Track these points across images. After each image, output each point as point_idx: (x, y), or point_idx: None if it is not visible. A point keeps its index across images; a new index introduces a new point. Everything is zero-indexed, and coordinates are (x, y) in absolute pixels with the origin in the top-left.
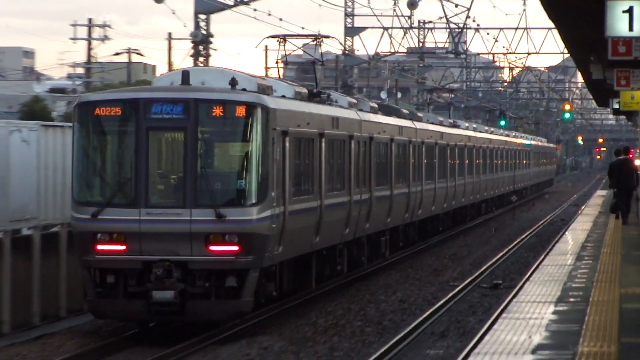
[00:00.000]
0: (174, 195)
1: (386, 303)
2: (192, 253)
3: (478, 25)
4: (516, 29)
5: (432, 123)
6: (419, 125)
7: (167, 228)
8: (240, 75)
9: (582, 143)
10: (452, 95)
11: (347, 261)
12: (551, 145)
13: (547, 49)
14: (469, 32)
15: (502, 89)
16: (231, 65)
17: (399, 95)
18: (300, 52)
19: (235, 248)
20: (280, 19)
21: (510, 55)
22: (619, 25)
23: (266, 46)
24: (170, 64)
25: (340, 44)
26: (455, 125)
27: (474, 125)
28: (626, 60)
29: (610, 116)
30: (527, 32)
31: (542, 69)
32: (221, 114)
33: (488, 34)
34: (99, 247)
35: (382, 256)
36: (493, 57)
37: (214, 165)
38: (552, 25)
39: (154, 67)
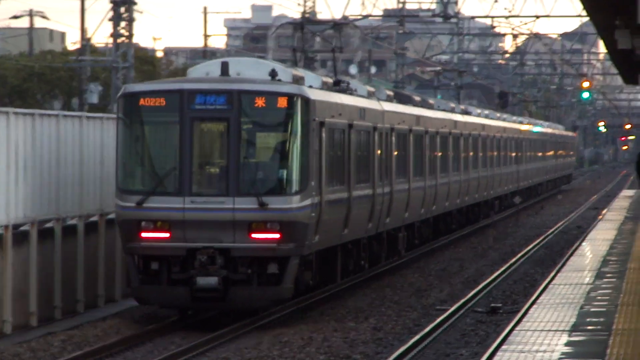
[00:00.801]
0: (218, 184)
1: (356, 331)
2: (234, 240)
3: None
4: None
5: (444, 110)
6: (433, 114)
7: (210, 216)
8: (276, 65)
9: (604, 130)
10: (440, 69)
11: (367, 257)
12: (570, 133)
13: (561, 10)
14: None
15: (503, 61)
16: (162, 31)
17: (373, 69)
18: (248, 16)
19: (277, 236)
20: None
21: (513, 19)
22: None
23: (205, 8)
24: (83, 31)
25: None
26: (467, 112)
27: (487, 112)
28: None
29: None
30: None
31: (554, 36)
32: (264, 104)
33: None
34: (144, 234)
35: (397, 254)
36: (492, 21)
37: (256, 155)
38: None
39: (62, 33)
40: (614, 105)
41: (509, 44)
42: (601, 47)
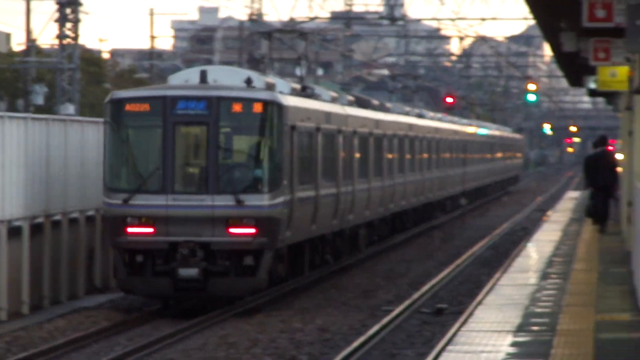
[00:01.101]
0: (198, 183)
1: (303, 332)
2: (213, 235)
3: None
4: None
5: (400, 114)
6: (391, 117)
7: (191, 213)
8: (251, 73)
9: (549, 132)
10: (392, 74)
11: (332, 252)
12: (517, 136)
13: (507, 13)
14: None
15: (449, 64)
16: (108, 33)
17: (320, 72)
18: (195, 17)
19: (253, 230)
20: None
21: (459, 21)
22: None
23: (152, 9)
24: (28, 32)
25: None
26: (421, 116)
27: (439, 116)
28: (606, 27)
29: (585, 98)
30: None
31: (500, 39)
32: (240, 110)
33: None
34: (129, 229)
35: (358, 250)
36: (438, 23)
37: (233, 156)
38: None
39: (7, 35)
40: (560, 107)
41: (455, 47)
42: (547, 50)
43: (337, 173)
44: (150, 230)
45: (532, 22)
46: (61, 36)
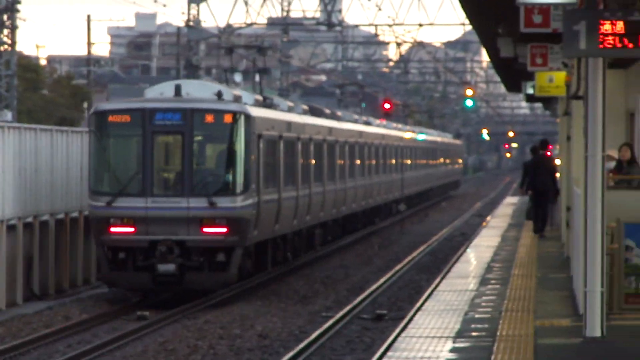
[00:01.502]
0: (174, 187)
1: (242, 339)
2: (189, 234)
3: None
4: None
5: (349, 121)
6: (343, 125)
7: (168, 213)
8: (220, 87)
9: (487, 138)
10: (325, 78)
11: (291, 250)
12: (457, 141)
13: (444, 19)
14: None
15: (387, 69)
16: (46, 39)
17: (257, 78)
18: (132, 24)
19: (224, 230)
20: None
21: (397, 27)
22: None
23: (88, 16)
24: None
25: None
26: (368, 123)
27: (385, 123)
28: (543, 33)
29: (523, 104)
30: None
31: (438, 44)
32: (212, 120)
33: (369, 0)
34: (112, 229)
35: (314, 249)
36: (376, 29)
37: (206, 162)
38: None
39: None
40: (497, 113)
41: (392, 52)
42: (484, 56)
43: (296, 177)
44: (132, 229)
45: (470, 27)
46: None
